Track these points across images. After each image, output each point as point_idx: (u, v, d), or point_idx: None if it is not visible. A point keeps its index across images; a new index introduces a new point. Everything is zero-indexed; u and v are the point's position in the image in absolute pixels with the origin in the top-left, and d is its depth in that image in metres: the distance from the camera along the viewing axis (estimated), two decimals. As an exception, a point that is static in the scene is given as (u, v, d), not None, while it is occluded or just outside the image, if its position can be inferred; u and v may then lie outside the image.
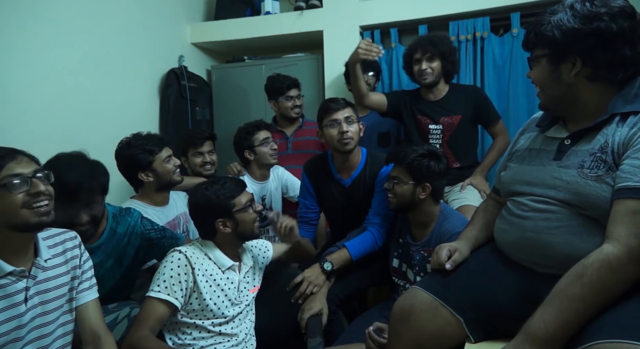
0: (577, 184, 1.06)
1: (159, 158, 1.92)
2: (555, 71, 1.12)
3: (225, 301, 1.51)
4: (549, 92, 1.17)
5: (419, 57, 2.29)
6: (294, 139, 2.66)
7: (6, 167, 1.10)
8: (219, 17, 3.28)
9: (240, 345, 1.55)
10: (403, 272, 1.78)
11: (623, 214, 0.97)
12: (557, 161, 1.14)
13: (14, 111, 1.96)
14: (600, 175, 1.03)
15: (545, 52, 1.13)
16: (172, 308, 1.43)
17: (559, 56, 1.10)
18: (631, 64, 1.05)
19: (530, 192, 1.17)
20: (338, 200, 2.04)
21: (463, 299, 1.21)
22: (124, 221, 1.69)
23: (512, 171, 1.28)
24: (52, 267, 1.23)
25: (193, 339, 1.48)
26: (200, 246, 1.54)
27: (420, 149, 1.69)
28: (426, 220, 1.71)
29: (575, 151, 1.11)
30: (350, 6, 2.94)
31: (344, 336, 1.69)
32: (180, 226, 2.06)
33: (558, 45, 1.09)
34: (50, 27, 2.15)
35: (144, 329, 1.37)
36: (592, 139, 1.09)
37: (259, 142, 2.32)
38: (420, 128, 2.39)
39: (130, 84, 2.68)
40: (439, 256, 1.31)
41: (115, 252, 1.67)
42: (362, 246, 1.85)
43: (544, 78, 1.16)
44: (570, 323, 0.96)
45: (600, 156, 1.05)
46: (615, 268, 0.94)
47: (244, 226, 1.53)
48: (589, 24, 1.04)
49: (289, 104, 2.61)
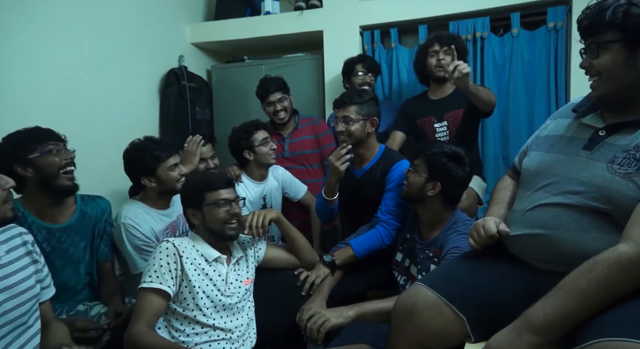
0: (603, 178, 1.04)
1: (164, 165, 1.90)
2: (630, 57, 1.06)
3: (214, 290, 1.52)
4: (615, 81, 1.10)
5: (437, 49, 2.34)
6: (290, 141, 2.64)
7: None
8: (219, 17, 3.28)
9: (237, 342, 1.54)
10: (405, 267, 1.77)
11: None
12: (587, 150, 1.11)
13: (14, 111, 1.96)
14: (629, 173, 1.01)
15: (620, 36, 1.05)
16: (166, 296, 1.44)
17: (637, 41, 1.04)
18: None
19: (552, 184, 1.14)
20: (347, 189, 2.04)
21: (467, 298, 1.20)
22: (94, 203, 1.81)
23: (538, 158, 1.24)
24: (12, 261, 1.21)
25: (187, 336, 1.48)
26: (190, 239, 1.58)
27: (448, 147, 1.66)
28: (435, 220, 1.69)
29: (609, 144, 1.08)
30: (350, 6, 2.94)
31: (343, 335, 1.68)
32: (180, 227, 2.06)
33: (638, 28, 1.02)
34: (51, 28, 2.15)
35: (142, 324, 1.38)
36: (629, 135, 1.06)
37: (258, 142, 2.32)
38: (426, 129, 2.40)
39: (130, 84, 2.68)
40: (488, 226, 1.24)
41: (87, 234, 1.76)
42: (366, 243, 1.86)
43: (615, 65, 1.08)
44: (570, 316, 0.95)
45: (635, 154, 1.03)
46: (625, 267, 0.92)
47: (211, 221, 1.56)
48: None
49: (270, 110, 2.55)
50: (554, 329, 0.96)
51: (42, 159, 1.60)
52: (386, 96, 2.97)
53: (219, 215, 1.55)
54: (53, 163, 1.62)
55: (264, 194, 2.42)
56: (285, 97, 2.55)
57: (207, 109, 3.31)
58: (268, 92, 2.51)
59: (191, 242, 1.56)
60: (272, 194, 2.46)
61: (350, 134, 1.91)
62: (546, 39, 2.59)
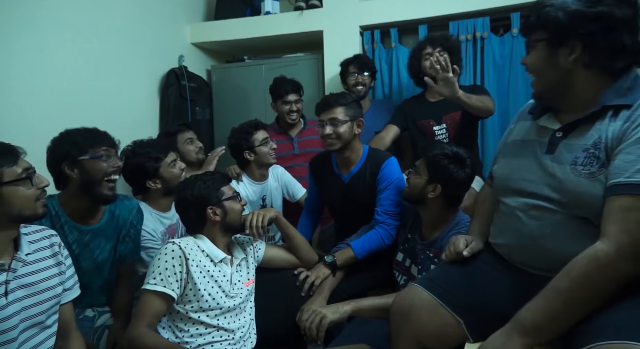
0: (569, 181, 1.05)
1: (165, 164, 1.93)
2: (552, 55, 1.10)
3: (219, 292, 1.52)
4: (543, 79, 1.15)
5: (430, 51, 2.32)
6: (299, 140, 2.67)
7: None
8: (219, 17, 3.28)
9: (238, 343, 1.54)
10: (406, 267, 1.77)
11: (615, 211, 0.96)
12: (549, 154, 1.12)
13: (15, 111, 1.96)
14: (593, 172, 1.02)
15: (545, 35, 1.11)
16: (168, 300, 1.44)
17: (559, 40, 1.08)
18: (629, 54, 1.04)
19: (525, 190, 1.15)
20: (337, 195, 2.04)
21: (463, 300, 1.21)
22: (122, 204, 1.76)
23: (506, 165, 1.26)
24: (37, 260, 1.26)
25: (190, 336, 1.48)
26: (194, 239, 1.57)
27: (449, 149, 1.64)
28: (436, 221, 1.69)
29: (568, 145, 1.09)
30: (350, 6, 2.94)
31: (344, 336, 1.68)
32: (179, 230, 2.06)
33: (560, 28, 1.06)
34: (51, 28, 2.14)
35: (142, 325, 1.39)
36: (585, 133, 1.07)
37: (259, 143, 2.32)
38: (425, 132, 2.41)
39: (130, 84, 2.68)
40: (457, 244, 1.31)
41: (113, 236, 1.72)
42: (366, 244, 1.86)
43: (540, 63, 1.14)
44: (557, 317, 0.96)
45: (594, 152, 1.03)
46: (603, 264, 0.94)
47: (232, 216, 1.60)
48: (594, 7, 1.02)
49: (285, 109, 2.60)
50: (543, 329, 0.97)
51: (91, 163, 1.59)
52: (386, 96, 2.97)
53: (239, 206, 1.63)
54: (100, 169, 1.60)
55: (263, 194, 2.42)
56: (300, 99, 2.64)
57: (207, 109, 3.31)
58: (287, 92, 2.57)
59: (196, 242, 1.56)
60: (272, 194, 2.46)
61: (338, 136, 1.89)
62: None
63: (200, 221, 1.58)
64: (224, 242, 1.62)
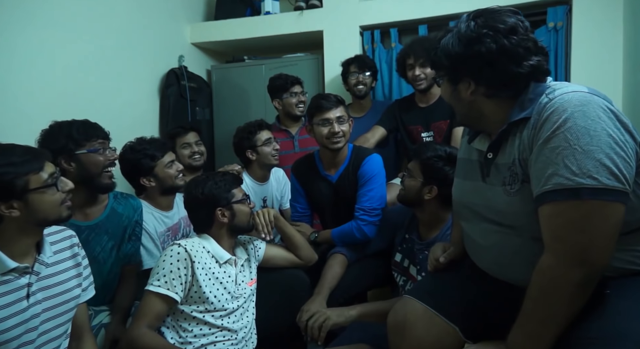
0: (504, 203, 1.05)
1: (161, 163, 1.92)
2: (454, 91, 1.13)
3: (224, 294, 1.52)
4: (457, 109, 1.18)
5: (412, 62, 2.29)
6: (300, 137, 2.66)
7: None
8: (219, 17, 3.28)
9: (240, 343, 1.55)
10: (405, 267, 1.77)
11: (544, 223, 0.95)
12: (487, 177, 1.12)
13: (15, 111, 1.95)
14: (518, 189, 1.02)
15: (442, 74, 1.15)
16: (171, 302, 1.45)
17: (454, 77, 1.11)
18: (522, 78, 1.04)
19: (480, 214, 1.15)
20: (326, 196, 2.04)
21: (456, 306, 1.21)
22: (126, 202, 1.76)
23: (457, 187, 1.26)
24: (57, 263, 1.26)
25: (194, 336, 1.48)
26: (200, 239, 1.56)
27: (442, 150, 1.64)
28: (433, 221, 1.69)
29: (497, 166, 1.10)
30: (350, 6, 2.94)
31: (344, 336, 1.68)
32: (181, 230, 2.06)
33: (449, 69, 1.11)
34: (51, 28, 2.14)
35: (143, 326, 1.40)
36: (506, 152, 1.07)
37: (261, 142, 2.31)
38: (413, 138, 2.40)
39: (130, 84, 2.68)
40: (434, 251, 1.35)
41: (117, 235, 1.71)
42: (342, 231, 1.92)
43: (448, 96, 1.17)
44: (537, 338, 0.97)
45: (513, 169, 1.04)
46: (552, 277, 0.93)
47: (241, 218, 1.60)
48: (471, 47, 1.04)
49: (293, 101, 2.59)
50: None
51: (88, 157, 1.60)
52: (386, 96, 2.97)
53: (247, 209, 1.64)
54: (98, 162, 1.61)
55: (264, 195, 2.42)
56: (304, 91, 2.64)
57: (207, 109, 3.31)
58: (292, 83, 2.58)
59: (201, 243, 1.55)
60: (272, 196, 2.46)
61: (344, 135, 1.92)
62: (546, 39, 2.59)
63: (208, 221, 1.58)
64: (229, 244, 1.62)
